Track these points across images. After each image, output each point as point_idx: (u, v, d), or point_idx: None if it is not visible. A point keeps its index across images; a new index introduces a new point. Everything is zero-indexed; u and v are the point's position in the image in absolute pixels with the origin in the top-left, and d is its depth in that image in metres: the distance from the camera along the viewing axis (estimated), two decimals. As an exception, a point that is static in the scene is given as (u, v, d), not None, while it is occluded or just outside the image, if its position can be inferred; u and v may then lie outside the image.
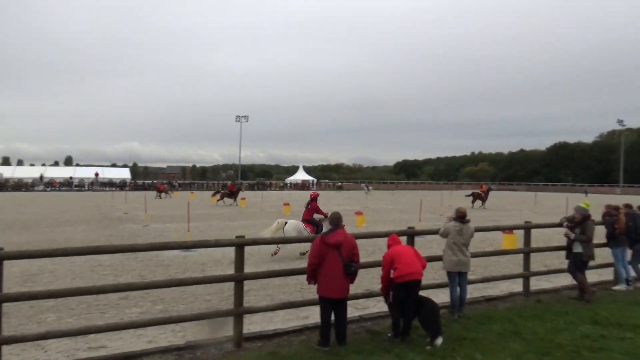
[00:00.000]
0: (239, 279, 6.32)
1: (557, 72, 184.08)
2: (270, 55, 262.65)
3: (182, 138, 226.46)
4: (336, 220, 6.07)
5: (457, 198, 52.80)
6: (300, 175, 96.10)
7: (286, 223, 13.19)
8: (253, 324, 7.24)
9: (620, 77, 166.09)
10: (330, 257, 5.84)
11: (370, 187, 68.12)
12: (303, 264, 10.51)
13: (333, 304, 5.95)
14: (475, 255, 8.42)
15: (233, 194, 37.53)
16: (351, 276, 5.98)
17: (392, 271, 6.24)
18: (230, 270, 9.59)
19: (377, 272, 8.54)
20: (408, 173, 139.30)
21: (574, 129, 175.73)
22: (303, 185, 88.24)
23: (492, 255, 10.04)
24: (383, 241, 8.77)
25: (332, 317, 6.05)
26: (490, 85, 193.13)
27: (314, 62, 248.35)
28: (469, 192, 40.43)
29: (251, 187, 75.03)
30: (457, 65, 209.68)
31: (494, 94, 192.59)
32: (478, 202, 35.99)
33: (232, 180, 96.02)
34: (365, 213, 25.40)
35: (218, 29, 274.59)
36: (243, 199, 38.05)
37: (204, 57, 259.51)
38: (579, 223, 8.54)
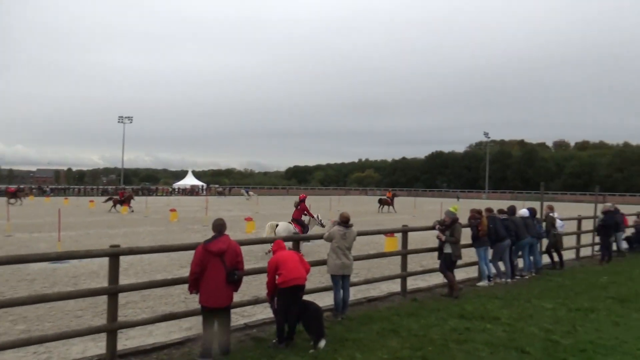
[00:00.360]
0: (112, 291, 5.86)
1: (436, 87, 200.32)
2: (159, 57, 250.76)
3: (57, 139, 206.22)
4: (219, 227, 5.91)
5: (346, 203, 54.74)
6: (189, 180, 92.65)
7: (277, 225, 14.15)
8: (131, 339, 6.77)
9: (488, 95, 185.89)
10: (213, 265, 5.67)
11: (251, 193, 67.24)
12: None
13: (215, 313, 5.78)
14: (358, 258, 8.77)
15: (124, 201, 35.72)
16: (234, 284, 5.86)
17: (276, 277, 6.24)
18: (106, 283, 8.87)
19: (265, 278, 8.48)
20: (299, 179, 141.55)
21: (448, 139, 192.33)
22: (192, 191, 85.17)
23: (374, 258, 10.53)
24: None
25: (216, 327, 5.87)
26: (377, 96, 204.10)
27: (204, 65, 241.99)
28: (378, 198, 43.74)
29: (135, 193, 70.66)
30: (346, 75, 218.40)
31: (381, 105, 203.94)
32: (386, 208, 39.12)
33: (115, 184, 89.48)
34: (255, 219, 25.22)
35: (98, 26, 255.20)
36: (125, 205, 35.68)
37: (82, 56, 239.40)
38: (449, 226, 9.32)
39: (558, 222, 12.93)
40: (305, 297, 6.69)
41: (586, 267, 13.07)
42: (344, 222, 7.61)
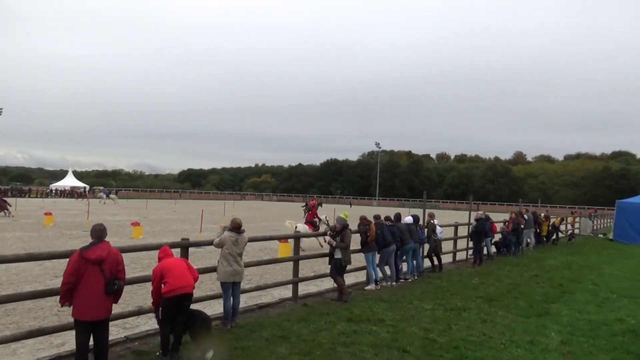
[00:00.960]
0: (-35, 307, 5.12)
1: (332, 97, 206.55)
2: (33, 44, 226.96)
3: None
4: (98, 233, 5.46)
5: (242, 209, 54.01)
6: (70, 181, 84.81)
7: (296, 226, 17.20)
8: (-13, 360, 5.98)
9: (381, 107, 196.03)
10: (90, 274, 5.21)
11: (112, 195, 61.00)
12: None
13: (91, 326, 5.31)
14: (250, 264, 8.67)
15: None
16: (114, 295, 5.44)
17: (162, 285, 5.93)
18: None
19: (151, 286, 8.02)
20: (193, 182, 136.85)
21: (343, 148, 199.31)
22: (72, 192, 78.07)
23: (267, 264, 10.52)
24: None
25: (92, 341, 5.40)
26: (274, 101, 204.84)
27: (87, 57, 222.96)
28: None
29: (4, 194, 62.79)
30: (243, 79, 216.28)
31: (278, 110, 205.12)
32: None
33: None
34: (143, 224, 23.84)
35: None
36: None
37: None
38: (339, 232, 9.61)
39: (437, 229, 13.97)
40: (194, 306, 6.45)
41: (461, 269, 14.26)
42: (236, 228, 7.48)
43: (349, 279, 11.64)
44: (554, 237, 23.64)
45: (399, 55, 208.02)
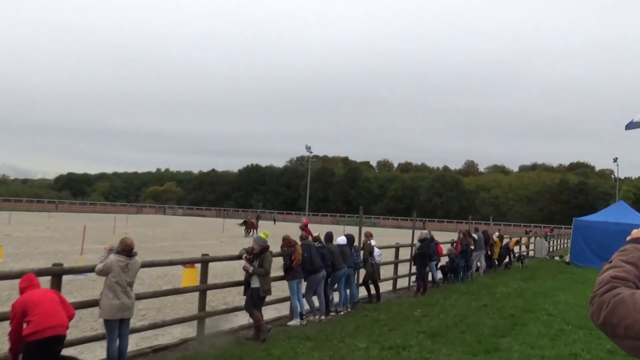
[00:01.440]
0: None
1: (253, 91, 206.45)
2: None
3: None
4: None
5: (138, 224, 52.26)
6: None
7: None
8: None
9: (312, 105, 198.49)
10: None
11: None
12: None
13: None
14: (143, 296, 8.38)
15: None
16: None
17: (24, 325, 5.57)
18: None
19: (8, 327, 7.51)
20: (74, 190, 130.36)
21: (266, 152, 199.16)
22: None
23: (166, 295, 10.23)
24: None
25: None
26: (182, 91, 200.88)
27: None
28: (241, 220, 45.93)
29: None
30: (141, 66, 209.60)
31: (186, 102, 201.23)
32: (252, 231, 40.49)
33: None
34: (3, 243, 22.35)
35: None
36: None
37: None
38: (258, 255, 9.55)
39: (376, 251, 14.29)
40: (68, 351, 6.12)
41: (402, 299, 14.66)
42: (126, 250, 7.21)
43: (269, 312, 11.53)
44: (507, 260, 25.00)
45: (338, 49, 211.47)
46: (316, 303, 11.51)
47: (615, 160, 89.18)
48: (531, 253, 33.56)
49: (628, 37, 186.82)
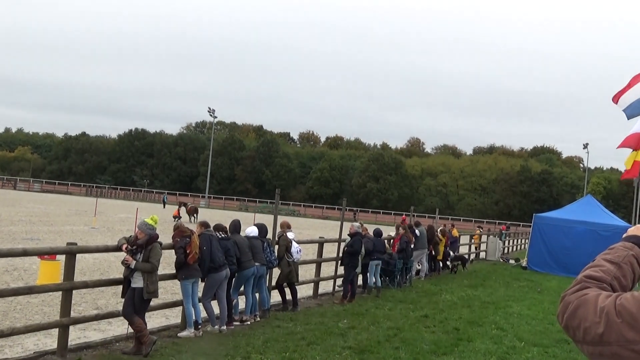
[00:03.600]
0: None
1: (145, 29, 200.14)
2: None
3: None
4: None
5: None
6: None
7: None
8: None
9: (222, 56, 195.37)
10: None
11: None
12: None
13: None
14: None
15: None
16: None
17: None
18: None
19: None
20: None
21: (156, 113, 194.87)
22: None
23: (17, 295, 9.92)
24: None
25: None
26: (41, 26, 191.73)
27: None
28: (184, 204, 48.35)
29: None
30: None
31: (47, 42, 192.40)
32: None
33: None
34: None
35: None
36: None
37: None
38: (143, 246, 9.41)
39: (294, 246, 14.40)
40: None
41: (325, 307, 14.93)
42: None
43: (155, 320, 11.43)
44: (457, 262, 25.93)
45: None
46: (216, 309, 11.51)
47: (585, 146, 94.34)
48: (482, 254, 35.05)
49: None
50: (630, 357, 1.66)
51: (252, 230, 12.83)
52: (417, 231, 21.55)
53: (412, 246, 20.25)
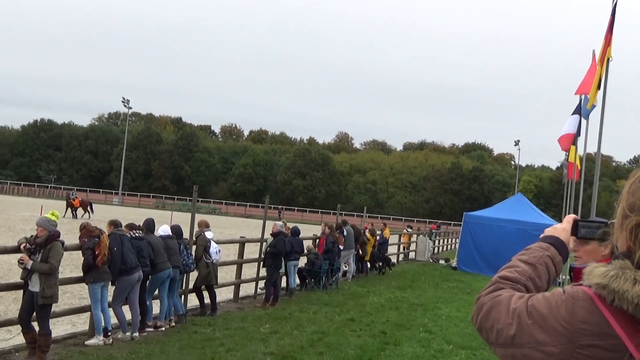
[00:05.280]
0: None
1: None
2: None
3: None
4: None
5: None
6: None
7: None
8: None
9: (134, 38, 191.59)
10: None
11: None
12: None
13: None
14: None
15: None
16: None
17: None
18: None
19: None
20: None
21: (63, 103, 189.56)
22: None
23: None
24: None
25: None
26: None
27: None
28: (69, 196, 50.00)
29: None
30: None
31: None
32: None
33: None
34: None
35: None
36: None
37: None
38: (41, 245, 9.15)
39: (213, 246, 14.31)
40: None
41: (245, 311, 14.93)
42: None
43: (60, 326, 11.17)
44: (381, 262, 26.31)
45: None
46: (128, 315, 11.33)
47: (516, 143, 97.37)
48: (412, 254, 35.68)
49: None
50: (541, 358, 1.71)
51: (165, 230, 12.71)
52: (344, 230, 21.75)
53: (341, 247, 20.44)
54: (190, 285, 14.05)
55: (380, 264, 26.28)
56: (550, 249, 2.06)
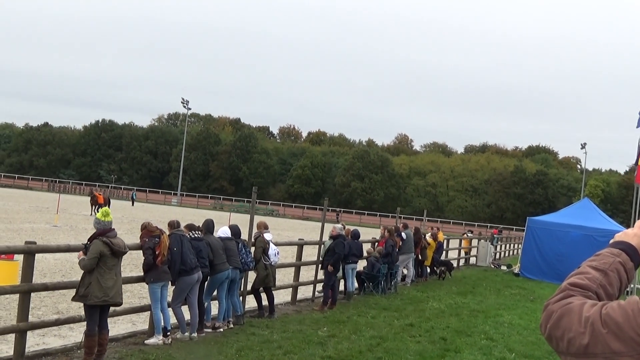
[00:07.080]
0: None
1: (112, 12, 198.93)
2: None
3: None
4: None
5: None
6: None
7: None
8: None
9: (195, 46, 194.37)
10: None
11: None
12: None
13: None
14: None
15: None
16: None
17: None
18: None
19: None
20: None
21: (125, 103, 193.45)
22: None
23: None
24: None
25: None
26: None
27: None
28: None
29: None
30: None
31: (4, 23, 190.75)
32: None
33: None
34: None
35: None
36: None
37: None
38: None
39: (272, 248, 14.38)
40: None
41: (303, 314, 14.93)
42: None
43: (121, 325, 11.37)
44: (442, 267, 26.03)
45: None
46: (187, 315, 11.48)
47: (583, 146, 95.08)
48: (472, 260, 35.22)
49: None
50: None
51: (224, 231, 12.78)
52: (403, 234, 21.60)
53: (398, 250, 20.31)
54: (249, 287, 14.16)
55: (442, 268, 26.01)
56: (621, 255, 2.00)
